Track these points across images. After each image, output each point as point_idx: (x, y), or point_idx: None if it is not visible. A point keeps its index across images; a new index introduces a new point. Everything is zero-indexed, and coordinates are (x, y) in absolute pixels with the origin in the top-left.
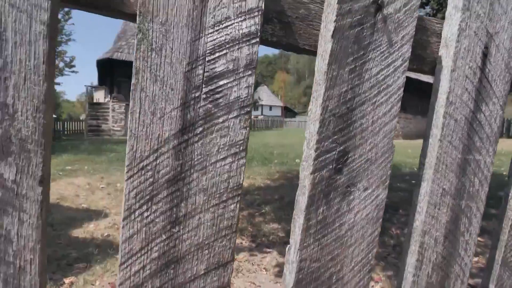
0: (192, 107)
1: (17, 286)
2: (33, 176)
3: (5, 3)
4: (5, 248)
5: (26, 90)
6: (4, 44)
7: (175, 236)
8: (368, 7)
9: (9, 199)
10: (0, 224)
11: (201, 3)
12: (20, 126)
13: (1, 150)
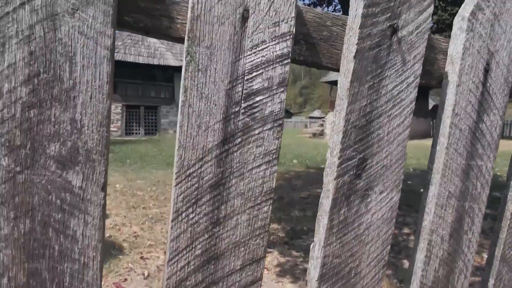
0: (232, 121)
1: (81, 280)
2: (96, 182)
3: (75, 31)
4: (72, 246)
5: (92, 107)
6: (74, 66)
7: (216, 235)
8: (385, 31)
9: (76, 203)
10: (68, 225)
11: (240, 29)
12: (87, 139)
13: (69, 160)
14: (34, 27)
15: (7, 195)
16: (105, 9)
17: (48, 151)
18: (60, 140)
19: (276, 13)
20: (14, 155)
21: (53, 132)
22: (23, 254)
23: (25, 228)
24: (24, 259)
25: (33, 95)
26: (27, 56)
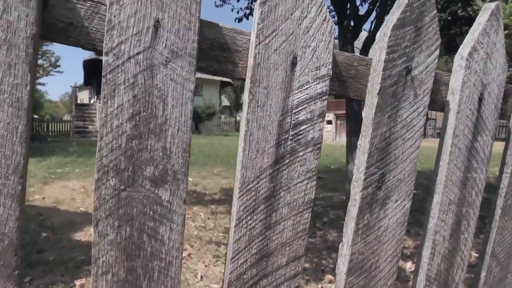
0: (282, 145)
1: (166, 275)
2: (180, 197)
3: (167, 78)
4: (160, 248)
5: (179, 138)
6: (166, 106)
7: (267, 238)
8: (402, 71)
9: (165, 214)
10: (158, 231)
11: (290, 72)
12: (174, 163)
13: (161, 180)
14: (137, 76)
15: (113, 208)
16: (190, 60)
17: (145, 173)
18: (154, 164)
19: (317, 60)
20: (120, 177)
21: (149, 158)
22: (123, 255)
23: (125, 234)
24: (124, 258)
25: (135, 129)
26: (131, 98)
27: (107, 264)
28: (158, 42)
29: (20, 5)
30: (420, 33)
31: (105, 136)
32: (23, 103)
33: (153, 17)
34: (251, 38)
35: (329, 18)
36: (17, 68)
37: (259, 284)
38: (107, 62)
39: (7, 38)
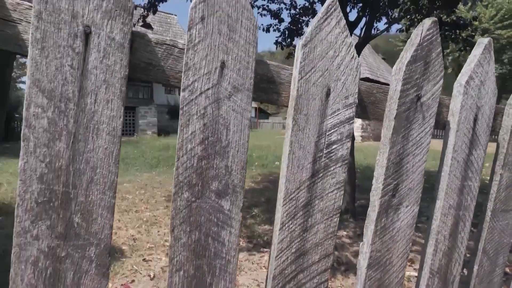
0: (317, 162)
1: (225, 271)
2: (237, 206)
3: (230, 109)
4: (221, 249)
5: (238, 157)
6: (228, 132)
7: (304, 239)
8: (413, 99)
9: (226, 220)
10: (220, 235)
11: (325, 101)
12: (234, 178)
13: (223, 192)
14: (207, 108)
15: (186, 216)
16: (248, 94)
17: (211, 187)
18: (218, 179)
19: (346, 90)
20: (191, 190)
21: (214, 174)
22: (192, 255)
23: (195, 238)
24: (193, 258)
25: (204, 151)
26: (202, 126)
27: (180, 262)
28: (223, 80)
29: (117, 52)
30: (428, 66)
31: (181, 157)
32: (117, 131)
33: (220, 59)
34: (293, 73)
35: (356, 56)
36: (113, 103)
37: (297, 277)
38: (183, 97)
39: (106, 79)
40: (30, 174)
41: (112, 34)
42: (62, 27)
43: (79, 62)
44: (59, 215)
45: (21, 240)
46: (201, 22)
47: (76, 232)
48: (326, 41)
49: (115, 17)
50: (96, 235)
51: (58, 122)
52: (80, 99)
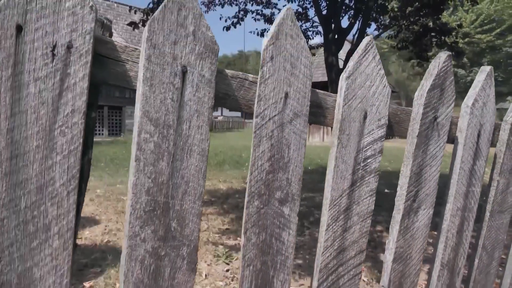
0: (356, 173)
1: (284, 265)
2: (295, 211)
3: (291, 131)
4: (282, 247)
5: (296, 171)
6: (289, 150)
7: (344, 238)
8: (431, 119)
9: (286, 223)
10: (281, 235)
11: (362, 123)
12: (292, 189)
13: (284, 200)
14: (273, 131)
15: (255, 220)
16: (304, 118)
17: (275, 196)
18: (281, 190)
19: (379, 114)
20: (260, 199)
21: (278, 185)
22: (260, 252)
23: (262, 238)
24: (260, 255)
25: (271, 166)
26: (269, 146)
27: (250, 259)
28: (286, 107)
29: (206, 86)
30: (443, 92)
31: (253, 172)
32: (205, 151)
33: (284, 91)
34: (337, 100)
35: (387, 84)
36: (203, 128)
37: (337, 270)
38: (256, 122)
39: (197, 109)
40: (140, 188)
41: (202, 72)
42: (165, 67)
43: (177, 96)
44: (160, 221)
45: (132, 242)
46: (271, 61)
47: (172, 235)
48: (364, 73)
49: (205, 58)
50: (187, 237)
51: (162, 145)
52: (178, 126)
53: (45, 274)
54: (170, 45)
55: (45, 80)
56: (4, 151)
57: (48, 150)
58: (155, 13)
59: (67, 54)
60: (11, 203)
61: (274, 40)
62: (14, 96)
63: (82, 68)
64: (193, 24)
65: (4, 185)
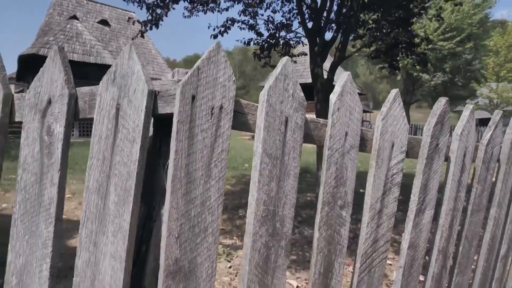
0: (386, 185)
1: (341, 252)
2: (349, 214)
3: (348, 158)
4: (340, 239)
5: (350, 186)
6: (346, 171)
7: (377, 232)
8: (435, 146)
9: (343, 222)
10: (340, 230)
11: (391, 150)
12: (348, 198)
13: (343, 206)
14: (338, 159)
15: (325, 220)
16: (356, 149)
17: (337, 203)
18: (341, 199)
19: (402, 143)
20: (329, 206)
21: (339, 196)
22: (327, 243)
23: (328, 233)
24: (327, 244)
25: (335, 183)
26: (335, 169)
27: (320, 247)
28: (346, 142)
29: (299, 130)
30: (443, 126)
31: (325, 187)
32: (297, 175)
33: (344, 131)
34: (374, 134)
35: (406, 121)
36: (296, 159)
37: (372, 255)
38: (328, 154)
39: (293, 145)
40: (259, 201)
41: (297, 120)
42: (276, 119)
43: (282, 137)
44: (270, 223)
45: (254, 238)
46: (338, 111)
47: (277, 232)
48: (393, 115)
49: (299, 111)
50: (285, 233)
51: (273, 171)
52: (282, 158)
53: (204, 261)
54: (279, 103)
55: (207, 130)
56: (183, 179)
57: (207, 177)
58: (270, 83)
59: (220, 113)
60: (186, 213)
61: (340, 97)
62: (189, 142)
63: (227, 121)
64: (292, 89)
65: (183, 201)
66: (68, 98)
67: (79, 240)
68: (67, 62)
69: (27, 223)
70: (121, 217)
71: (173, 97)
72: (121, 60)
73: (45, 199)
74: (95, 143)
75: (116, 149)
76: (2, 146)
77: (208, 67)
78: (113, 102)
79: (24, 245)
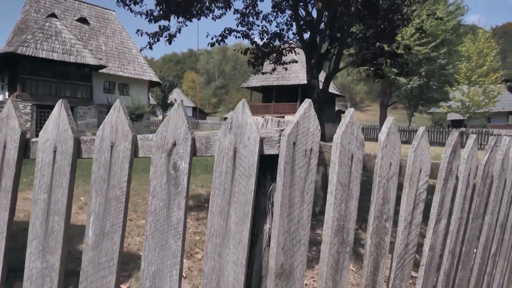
0: (415, 202)
1: (385, 255)
2: (391, 225)
3: (391, 183)
4: (384, 245)
5: (392, 203)
6: (389, 192)
7: (408, 238)
8: (449, 169)
9: (386, 232)
10: (384, 238)
11: (419, 174)
12: (390, 212)
13: (387, 219)
14: (385, 183)
15: (375, 230)
16: (397, 175)
17: (383, 217)
18: (385, 214)
19: (427, 168)
20: (378, 219)
21: (384, 211)
22: (375, 247)
23: (376, 240)
24: (375, 249)
25: (382, 201)
26: (382, 192)
27: (371, 251)
28: (390, 170)
29: (359, 163)
30: (455, 153)
31: (376, 205)
32: (358, 197)
33: (390, 161)
34: (407, 162)
35: (429, 151)
36: (358, 185)
37: (404, 256)
38: (378, 180)
39: (356, 175)
40: (333, 218)
41: (359, 156)
42: (346, 156)
43: (349, 169)
44: (340, 234)
45: (330, 246)
46: (385, 147)
47: (344, 241)
48: (422, 148)
49: (360, 148)
50: (349, 242)
51: (342, 195)
52: (349, 184)
53: (298, 264)
54: (347, 144)
55: (302, 167)
56: (287, 204)
57: (301, 202)
58: (342, 129)
59: (310, 153)
60: (288, 230)
61: (387, 136)
62: (291, 177)
63: (315, 159)
64: (356, 132)
65: (286, 221)
66: (191, 141)
67: (206, 251)
68: (186, 112)
69: (157, 238)
70: (241, 233)
71: (276, 142)
72: (236, 114)
73: (173, 220)
74: (216, 177)
75: (235, 182)
76: (130, 173)
77: (303, 120)
78: (230, 146)
79: (155, 256)
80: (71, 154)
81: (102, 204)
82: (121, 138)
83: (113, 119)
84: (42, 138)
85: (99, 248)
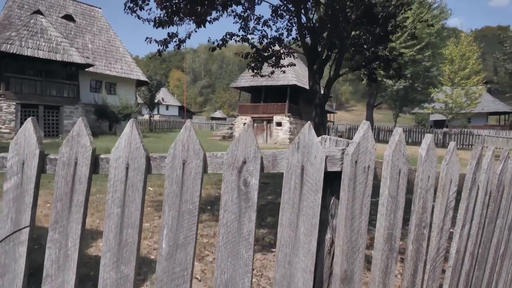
0: (446, 209)
1: (425, 259)
2: (428, 231)
3: (429, 194)
4: (422, 249)
5: (429, 212)
6: (428, 202)
7: (439, 242)
8: (473, 179)
9: (424, 238)
10: (422, 243)
11: (450, 185)
12: (428, 221)
13: (425, 226)
14: (423, 194)
15: (415, 237)
16: (433, 187)
17: (422, 224)
18: (423, 221)
19: (456, 179)
20: (417, 227)
21: (423, 219)
22: (415, 252)
23: (416, 246)
24: (415, 254)
25: (422, 211)
26: (422, 202)
27: (412, 256)
28: (429, 182)
29: (405, 177)
30: (478, 164)
31: (417, 214)
32: (403, 205)
33: (428, 174)
34: (441, 174)
35: (458, 164)
36: (403, 196)
37: (435, 259)
38: (419, 191)
39: (402, 188)
40: (384, 227)
41: (405, 171)
42: (395, 171)
43: (397, 183)
44: (389, 241)
45: (382, 252)
46: (425, 162)
47: (392, 247)
48: (452, 161)
49: (406, 164)
50: (396, 248)
51: (392, 206)
52: (396, 196)
53: (357, 270)
54: (396, 160)
55: (361, 183)
56: (349, 217)
57: (360, 214)
58: (393, 147)
59: (368, 170)
60: (350, 239)
61: (426, 152)
62: (353, 192)
63: (371, 175)
64: (403, 149)
65: (349, 232)
66: (260, 160)
67: (276, 260)
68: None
69: (229, 249)
70: (309, 243)
71: (338, 160)
72: (303, 134)
73: (244, 231)
74: (285, 192)
75: (303, 197)
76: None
77: (363, 141)
78: (298, 164)
79: (227, 265)
80: (143, 171)
81: (175, 218)
82: (193, 156)
83: (185, 138)
84: (114, 155)
85: (172, 258)
